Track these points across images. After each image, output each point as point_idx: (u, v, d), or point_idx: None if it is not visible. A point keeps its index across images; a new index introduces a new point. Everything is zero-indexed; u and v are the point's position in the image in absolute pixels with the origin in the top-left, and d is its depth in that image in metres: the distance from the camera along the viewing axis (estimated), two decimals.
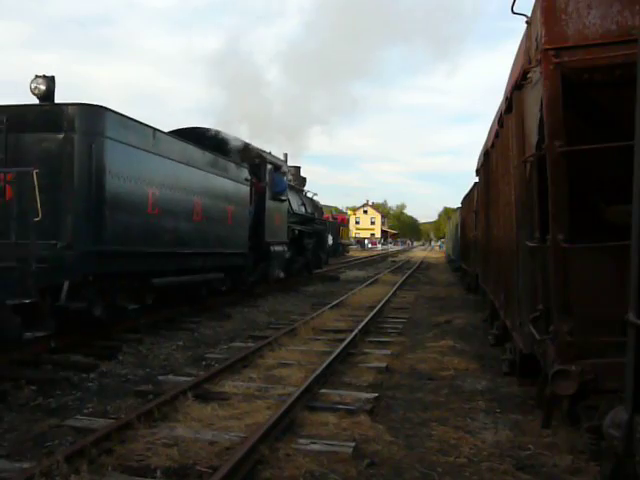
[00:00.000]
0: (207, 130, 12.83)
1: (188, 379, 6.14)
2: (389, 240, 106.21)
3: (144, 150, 8.32)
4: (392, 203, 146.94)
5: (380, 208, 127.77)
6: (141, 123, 8.39)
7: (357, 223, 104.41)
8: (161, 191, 8.80)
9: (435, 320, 11.53)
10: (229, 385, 6.01)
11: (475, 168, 11.88)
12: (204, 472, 3.85)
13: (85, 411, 5.25)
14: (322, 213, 23.10)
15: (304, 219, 18.72)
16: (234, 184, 12.09)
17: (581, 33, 3.52)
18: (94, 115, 7.39)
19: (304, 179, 20.15)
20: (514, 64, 5.05)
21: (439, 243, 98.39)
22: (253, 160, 13.81)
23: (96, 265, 7.38)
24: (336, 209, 61.37)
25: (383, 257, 48.37)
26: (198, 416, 4.96)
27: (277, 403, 5.27)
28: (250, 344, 8.39)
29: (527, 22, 4.20)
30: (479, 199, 11.94)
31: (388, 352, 8.03)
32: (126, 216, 7.89)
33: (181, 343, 8.58)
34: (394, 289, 17.37)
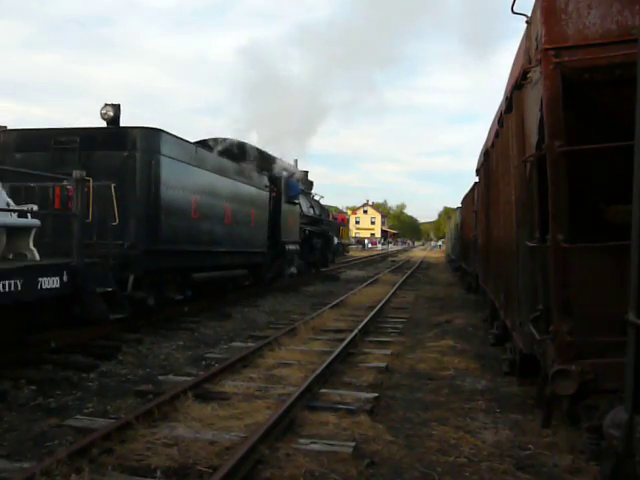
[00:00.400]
0: (231, 141, 14.09)
1: (188, 379, 6.14)
2: (389, 240, 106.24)
3: (189, 164, 9.75)
4: (392, 203, 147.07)
5: (380, 208, 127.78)
6: (186, 141, 9.94)
7: (357, 223, 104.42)
8: (201, 198, 10.23)
9: (435, 320, 11.54)
10: (229, 385, 6.01)
11: (475, 168, 11.88)
12: (204, 472, 3.85)
13: (85, 411, 5.25)
14: (328, 214, 24.83)
15: (313, 220, 20.24)
16: (256, 190, 13.62)
17: (581, 33, 3.53)
18: (152, 136, 8.77)
19: (311, 183, 21.27)
20: (514, 64, 5.05)
21: (439, 243, 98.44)
22: (270, 167, 15.23)
23: (152, 262, 8.73)
24: (336, 209, 61.36)
25: (383, 257, 48.37)
26: (198, 416, 4.96)
27: (277, 403, 5.27)
28: (250, 344, 8.39)
29: (527, 22, 4.20)
30: (479, 199, 11.94)
31: (388, 352, 8.03)
32: (176, 220, 9.31)
33: (181, 343, 8.58)
34: (394, 289, 17.37)
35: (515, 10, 4.17)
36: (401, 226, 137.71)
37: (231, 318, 11.12)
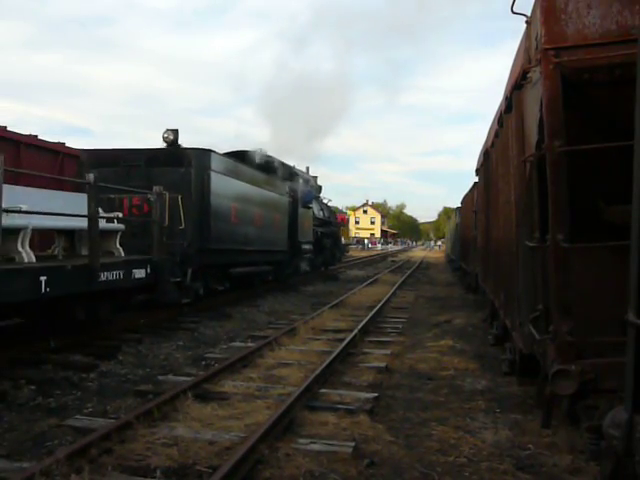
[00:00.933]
0: (256, 153, 15.94)
1: (188, 379, 6.14)
2: (389, 240, 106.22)
3: (230, 176, 11.75)
4: (392, 203, 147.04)
5: (380, 208, 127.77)
6: (229, 157, 12.32)
7: (357, 223, 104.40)
8: (238, 205, 12.22)
9: (435, 320, 11.54)
10: (229, 385, 6.01)
11: (475, 168, 11.88)
12: (204, 472, 3.85)
13: (85, 411, 5.25)
14: (335, 216, 26.45)
15: (323, 222, 22.14)
16: (279, 197, 15.70)
17: (581, 33, 3.53)
18: (203, 155, 10.64)
19: (320, 187, 22.81)
20: (514, 64, 5.05)
21: (439, 243, 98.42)
22: (289, 176, 17.42)
23: (204, 258, 10.61)
24: (336, 209, 61.60)
25: (383, 257, 48.37)
26: (198, 416, 4.96)
27: (277, 403, 5.27)
28: (250, 344, 8.39)
29: (527, 22, 4.20)
30: (479, 199, 11.94)
31: (388, 352, 8.03)
32: (220, 224, 11.14)
33: (181, 343, 8.58)
34: (394, 289, 17.37)
35: (515, 10, 4.17)
36: (401, 226, 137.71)
37: (231, 318, 11.12)
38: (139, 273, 8.39)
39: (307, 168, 21.01)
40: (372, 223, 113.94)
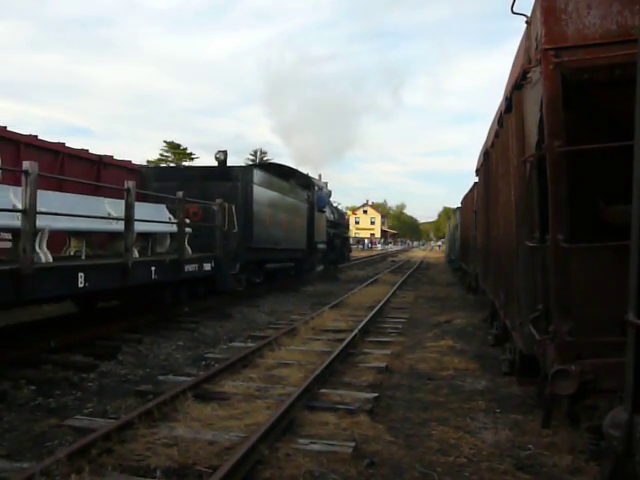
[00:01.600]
0: (281, 165, 20.04)
1: (188, 379, 6.14)
2: (389, 240, 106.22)
3: (266, 187, 14.25)
4: (392, 203, 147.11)
5: (380, 208, 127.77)
6: (266, 171, 15.04)
7: (357, 223, 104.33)
8: (271, 211, 14.71)
9: (435, 320, 11.54)
10: (229, 385, 6.01)
11: (475, 168, 11.88)
12: (204, 472, 3.85)
13: (85, 411, 5.25)
14: (344, 218, 28.69)
15: (334, 224, 24.52)
16: (300, 203, 18.32)
17: (581, 33, 3.52)
18: (248, 171, 13.68)
19: (330, 191, 24.85)
20: (514, 64, 5.05)
21: (439, 243, 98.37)
22: (307, 184, 20.03)
23: (248, 255, 13.14)
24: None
25: (383, 257, 48.38)
26: (198, 416, 4.96)
27: (277, 403, 5.27)
28: (250, 344, 8.39)
29: (527, 22, 4.19)
30: (479, 199, 11.93)
31: (388, 352, 8.03)
32: (259, 227, 13.65)
33: (181, 343, 8.58)
34: (394, 289, 17.37)
35: (515, 10, 4.17)
36: (401, 226, 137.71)
37: (231, 318, 11.12)
38: (207, 266, 10.96)
39: (319, 175, 23.88)
40: (372, 223, 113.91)
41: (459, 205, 23.71)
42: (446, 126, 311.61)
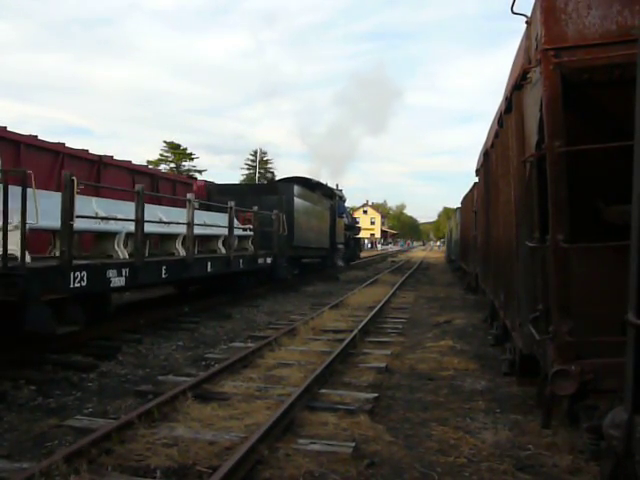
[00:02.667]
0: (309, 179, 23.35)
1: (188, 379, 6.13)
2: (389, 240, 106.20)
3: (301, 199, 18.04)
4: (392, 203, 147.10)
5: (380, 208, 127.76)
6: (301, 186, 18.81)
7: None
8: (305, 217, 18.59)
9: (435, 320, 11.54)
10: (229, 385, 6.01)
11: (475, 168, 11.88)
12: (204, 472, 3.85)
13: (85, 411, 5.25)
14: (355, 221, 34.13)
15: (349, 227, 29.01)
16: (324, 210, 22.23)
17: (581, 33, 3.52)
18: (290, 186, 17.64)
19: (345, 199, 29.36)
20: (514, 64, 5.05)
21: (438, 243, 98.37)
22: (329, 193, 24.15)
23: (291, 252, 16.72)
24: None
25: (383, 257, 48.37)
26: (198, 416, 4.96)
27: (277, 403, 5.27)
28: (250, 344, 8.39)
29: (527, 22, 4.19)
30: (479, 199, 11.93)
31: (388, 352, 8.03)
32: (298, 231, 17.33)
33: (181, 343, 8.58)
34: (394, 289, 17.37)
35: (515, 10, 4.17)
36: (401, 226, 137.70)
37: (231, 318, 11.12)
38: (269, 260, 14.88)
39: (337, 185, 28.34)
40: (372, 223, 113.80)
41: (459, 205, 23.72)
42: (446, 126, 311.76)
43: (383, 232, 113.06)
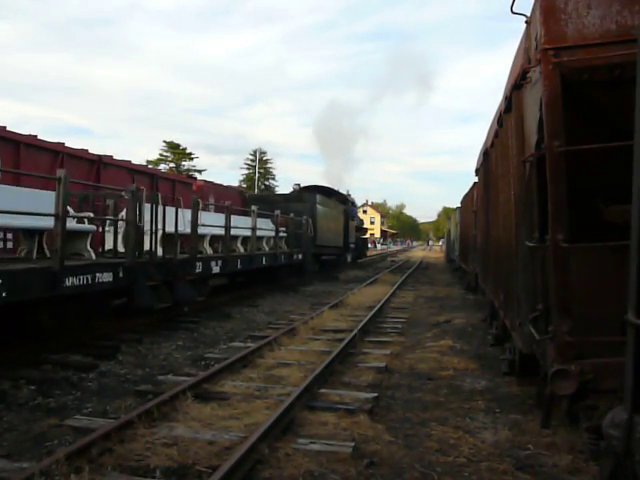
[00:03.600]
0: (326, 187, 27.68)
1: (187, 379, 6.13)
2: (388, 240, 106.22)
3: (322, 205, 21.66)
4: (391, 203, 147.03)
5: (380, 208, 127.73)
6: (322, 194, 22.68)
7: None
8: (325, 221, 22.09)
9: (434, 320, 11.54)
10: (228, 385, 6.01)
11: (475, 168, 11.88)
12: (203, 472, 3.85)
13: (84, 411, 5.25)
14: (363, 222, 38.31)
15: (358, 228, 32.67)
16: (339, 214, 25.98)
17: (580, 33, 3.52)
18: (314, 196, 21.41)
19: (356, 203, 34.29)
20: (513, 64, 5.05)
21: (439, 243, 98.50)
22: (343, 199, 28.30)
23: (314, 250, 20.46)
24: None
25: (382, 257, 48.36)
26: (197, 416, 4.96)
27: (276, 403, 5.27)
28: (250, 344, 8.39)
29: (526, 22, 4.19)
30: (478, 199, 11.94)
31: (387, 352, 8.03)
32: (320, 232, 20.76)
33: (180, 343, 8.58)
34: (393, 289, 17.37)
35: (514, 10, 4.17)
36: (400, 226, 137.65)
37: (231, 318, 11.12)
38: (300, 257, 18.47)
39: (347, 191, 31.66)
40: (372, 223, 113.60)
41: (459, 205, 23.72)
42: (446, 126, 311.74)
43: (383, 232, 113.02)
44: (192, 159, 60.19)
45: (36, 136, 10.47)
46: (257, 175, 58.31)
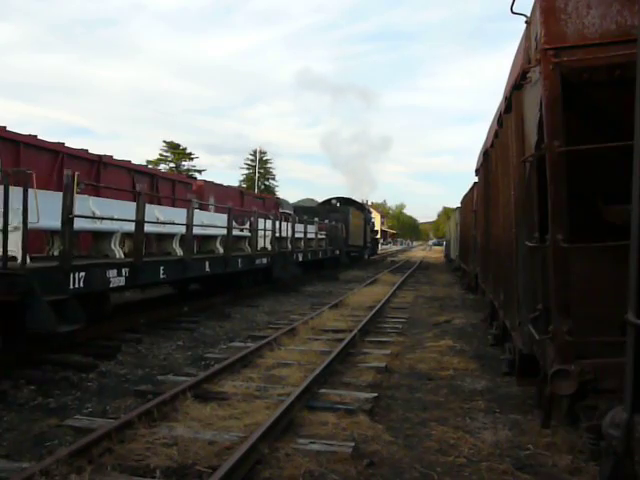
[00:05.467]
0: (348, 198, 35.10)
1: (187, 379, 6.13)
2: (389, 240, 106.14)
3: (352, 215, 30.99)
4: (391, 203, 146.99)
5: (380, 208, 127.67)
6: (349, 204, 33.43)
7: None
8: (353, 227, 30.73)
9: (434, 320, 11.54)
10: (228, 385, 6.01)
11: (475, 168, 11.88)
12: (203, 472, 3.85)
13: (84, 411, 5.25)
14: (375, 226, 45.97)
15: (372, 231, 40.38)
16: (360, 220, 33.55)
17: (580, 33, 3.52)
18: (347, 208, 31.54)
19: (371, 211, 44.57)
20: (513, 64, 5.05)
21: (431, 242, 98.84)
22: (362, 208, 36.05)
23: (347, 249, 29.17)
24: None
25: (382, 257, 48.34)
26: (197, 416, 4.96)
27: (276, 403, 5.27)
28: (249, 344, 8.38)
29: (526, 22, 4.19)
30: (478, 199, 11.94)
31: (387, 352, 8.03)
32: (350, 235, 30.06)
33: (180, 343, 8.58)
34: (393, 289, 17.36)
35: (514, 10, 4.17)
36: (400, 226, 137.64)
37: (231, 318, 11.12)
38: (337, 252, 25.70)
39: (366, 201, 39.76)
40: None
41: (459, 205, 23.72)
42: (446, 126, 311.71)
43: (383, 232, 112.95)
44: (192, 159, 60.20)
45: (36, 136, 10.47)
46: (257, 175, 58.30)
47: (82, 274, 6.90)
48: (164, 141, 60.37)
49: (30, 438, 4.52)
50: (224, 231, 12.38)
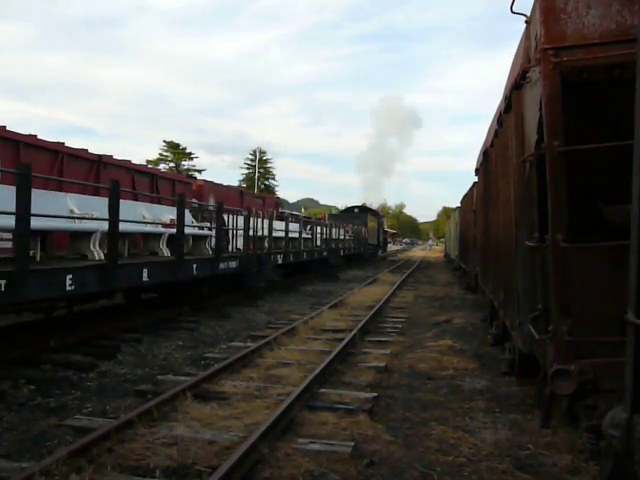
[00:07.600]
0: (363, 206, 47.94)
1: (187, 379, 6.13)
2: (388, 240, 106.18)
3: (369, 219, 40.65)
4: (391, 203, 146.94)
5: (380, 208, 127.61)
6: (367, 211, 43.88)
7: None
8: (370, 229, 40.48)
9: (434, 320, 11.54)
10: (228, 385, 6.01)
11: (475, 168, 11.88)
12: (203, 472, 3.85)
13: (84, 410, 5.25)
14: (384, 227, 53.95)
15: (383, 232, 48.21)
16: (375, 224, 43.55)
17: (580, 32, 3.52)
18: (366, 213, 41.56)
19: (383, 216, 54.36)
20: (513, 64, 5.05)
21: (430, 242, 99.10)
22: (376, 214, 46.65)
23: (367, 247, 38.73)
24: (336, 209, 63.08)
25: (382, 257, 48.36)
26: (197, 416, 4.96)
27: (276, 403, 5.27)
28: (249, 344, 8.38)
29: (526, 22, 4.20)
30: (478, 198, 11.93)
31: (387, 352, 8.03)
32: (369, 236, 39.92)
33: (180, 343, 8.58)
34: (393, 289, 17.36)
35: (514, 10, 4.17)
36: (400, 226, 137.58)
37: (230, 318, 11.12)
38: (360, 249, 34.51)
39: (378, 208, 44.44)
40: None
41: (458, 205, 23.72)
42: (446, 126, 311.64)
43: (383, 231, 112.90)
44: (192, 159, 60.25)
45: (36, 136, 10.47)
46: (257, 175, 58.27)
47: None
48: (164, 141, 60.45)
49: (30, 438, 4.51)
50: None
